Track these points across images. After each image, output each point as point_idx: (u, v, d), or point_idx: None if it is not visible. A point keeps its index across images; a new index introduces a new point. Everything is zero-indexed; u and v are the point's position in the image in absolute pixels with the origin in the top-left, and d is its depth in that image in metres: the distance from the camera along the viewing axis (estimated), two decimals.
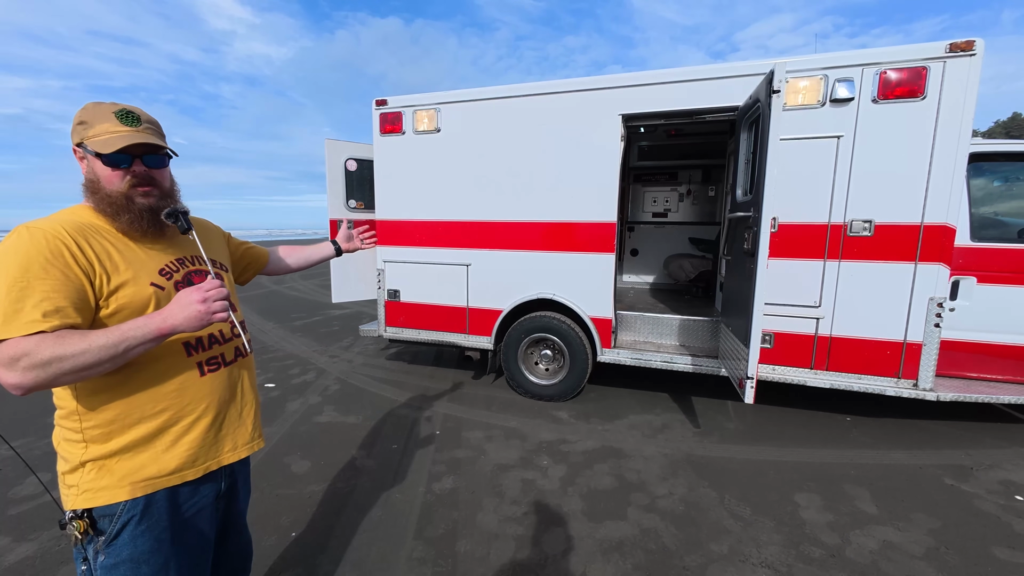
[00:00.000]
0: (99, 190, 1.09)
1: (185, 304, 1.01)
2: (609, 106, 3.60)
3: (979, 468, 2.99)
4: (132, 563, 1.07)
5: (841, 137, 3.10)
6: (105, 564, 1.07)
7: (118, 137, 1.07)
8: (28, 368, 0.89)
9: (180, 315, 1.01)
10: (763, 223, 2.70)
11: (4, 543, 2.29)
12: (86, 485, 1.05)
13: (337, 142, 4.68)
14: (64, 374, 0.92)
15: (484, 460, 3.11)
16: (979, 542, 2.31)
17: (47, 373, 0.90)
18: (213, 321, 1.04)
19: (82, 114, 1.09)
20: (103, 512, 1.06)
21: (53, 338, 0.91)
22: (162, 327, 1.00)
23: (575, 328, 3.99)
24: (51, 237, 0.98)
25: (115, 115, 1.09)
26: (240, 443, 1.27)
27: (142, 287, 1.08)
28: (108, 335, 0.95)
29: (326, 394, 4.33)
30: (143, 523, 1.08)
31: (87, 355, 0.92)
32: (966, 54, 2.81)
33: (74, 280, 0.98)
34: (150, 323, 0.99)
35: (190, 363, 1.15)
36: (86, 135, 1.08)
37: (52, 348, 0.90)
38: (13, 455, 3.11)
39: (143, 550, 1.08)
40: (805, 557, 2.21)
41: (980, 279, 3.34)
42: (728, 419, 3.74)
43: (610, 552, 2.25)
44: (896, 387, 3.20)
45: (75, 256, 0.99)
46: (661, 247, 6.09)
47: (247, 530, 1.45)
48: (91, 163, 1.08)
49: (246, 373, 1.32)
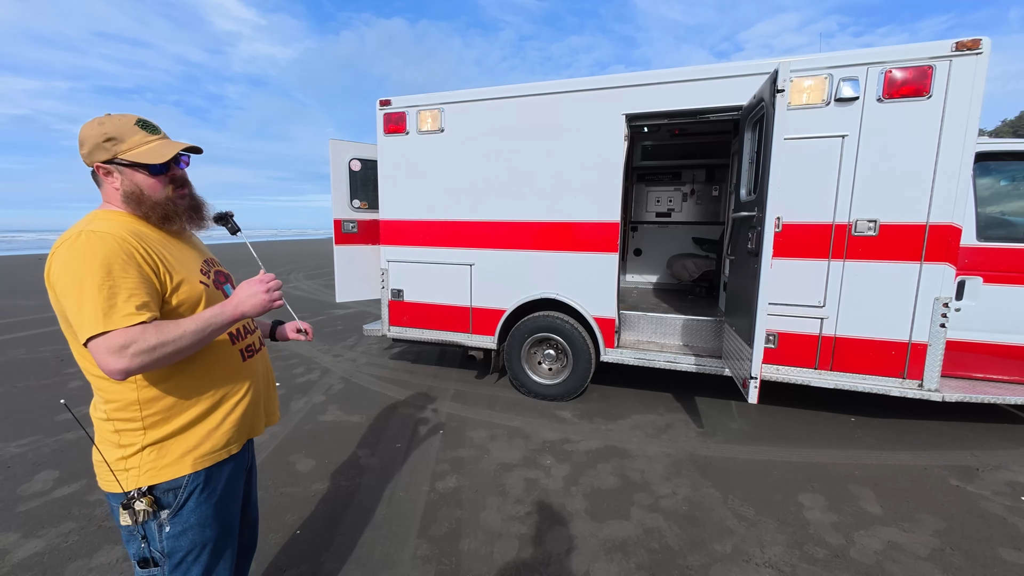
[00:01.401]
0: (145, 200, 1.16)
1: (252, 293, 1.17)
2: (613, 106, 3.60)
3: (985, 469, 2.97)
4: (199, 527, 1.20)
5: (846, 136, 3.09)
6: (171, 533, 1.16)
7: (161, 145, 1.16)
8: (136, 354, 0.99)
9: (249, 302, 1.16)
10: (767, 223, 2.69)
11: (13, 539, 2.31)
12: (148, 465, 1.14)
13: (341, 142, 4.70)
14: (165, 357, 1.04)
15: (487, 459, 3.12)
16: (985, 543, 2.30)
17: (152, 357, 1.01)
18: (274, 307, 1.20)
19: (106, 130, 1.11)
20: (168, 487, 1.15)
21: (154, 327, 1.03)
22: (235, 313, 1.15)
23: (578, 328, 3.99)
24: (121, 241, 1.06)
25: (139, 127, 1.15)
26: (266, 417, 1.43)
27: (194, 284, 1.19)
28: (196, 321, 1.09)
29: (330, 393, 4.35)
30: (205, 491, 1.20)
31: (183, 339, 1.05)
32: (972, 53, 2.79)
33: (147, 279, 1.08)
34: (225, 309, 1.14)
35: (235, 350, 1.29)
36: (119, 150, 1.12)
37: (156, 335, 1.02)
38: (22, 452, 3.15)
39: (208, 515, 1.21)
40: (809, 557, 2.20)
41: (986, 279, 3.32)
42: (732, 419, 3.73)
43: (613, 552, 2.25)
44: (901, 387, 3.19)
45: (144, 258, 1.09)
46: (665, 247, 6.08)
47: (257, 506, 1.57)
48: (130, 175, 1.15)
49: (266, 361, 1.48)
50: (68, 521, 2.45)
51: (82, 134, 1.13)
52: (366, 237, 4.89)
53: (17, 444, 3.27)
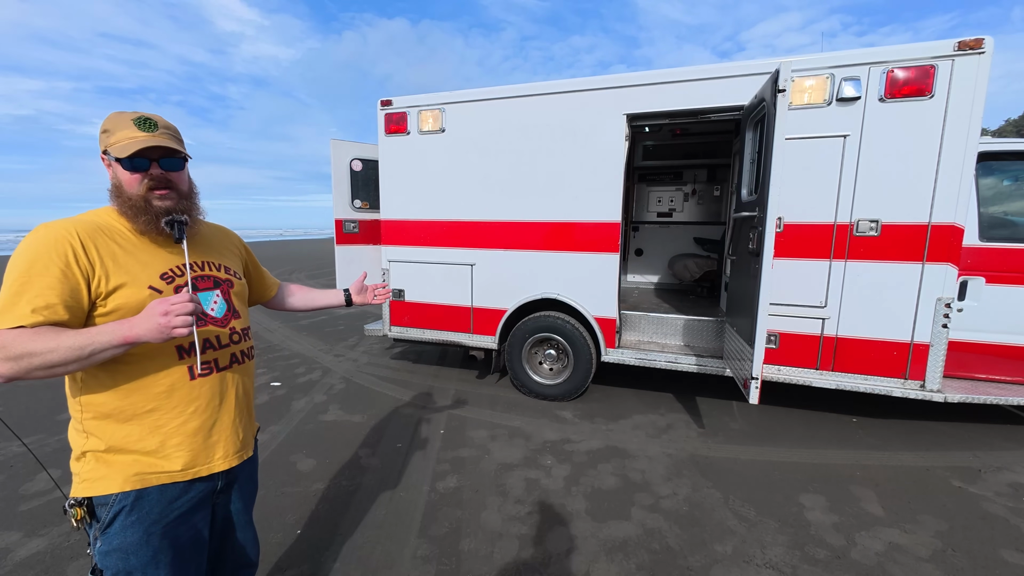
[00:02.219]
0: (122, 194, 1.15)
1: (149, 315, 1.01)
2: (614, 106, 3.59)
3: (987, 470, 2.96)
4: (121, 552, 1.11)
5: (847, 136, 3.08)
6: (100, 550, 1.12)
7: (134, 142, 1.13)
8: (4, 360, 0.94)
9: (143, 325, 1.01)
10: (768, 223, 2.69)
11: (15, 538, 2.32)
12: (86, 474, 1.12)
13: (342, 142, 4.71)
14: (34, 369, 0.96)
15: (488, 459, 3.12)
16: (987, 545, 2.29)
17: (19, 366, 0.95)
18: (173, 336, 1.02)
19: (106, 123, 1.16)
20: (100, 501, 1.11)
21: (29, 334, 0.96)
22: (127, 335, 1.01)
23: (579, 328, 3.99)
24: (60, 237, 1.04)
25: (133, 122, 1.14)
26: (231, 451, 1.27)
27: (139, 290, 1.11)
28: (77, 337, 0.98)
29: (331, 393, 4.36)
30: (133, 515, 1.12)
31: (54, 354, 0.96)
32: (975, 52, 2.78)
33: (70, 279, 1.03)
34: (118, 330, 1.01)
35: (181, 367, 1.17)
36: (109, 142, 1.14)
37: (25, 343, 0.95)
38: (25, 452, 3.16)
39: (132, 541, 1.12)
40: (810, 558, 2.20)
41: (989, 279, 3.31)
42: (733, 419, 3.73)
43: (614, 552, 2.25)
44: (903, 388, 3.18)
45: (77, 256, 1.05)
46: (666, 247, 6.08)
47: (251, 527, 1.44)
48: (114, 168, 1.15)
49: (241, 379, 1.31)
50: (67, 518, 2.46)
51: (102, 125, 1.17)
52: (367, 237, 4.90)
53: (19, 443, 3.28)
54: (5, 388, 4.38)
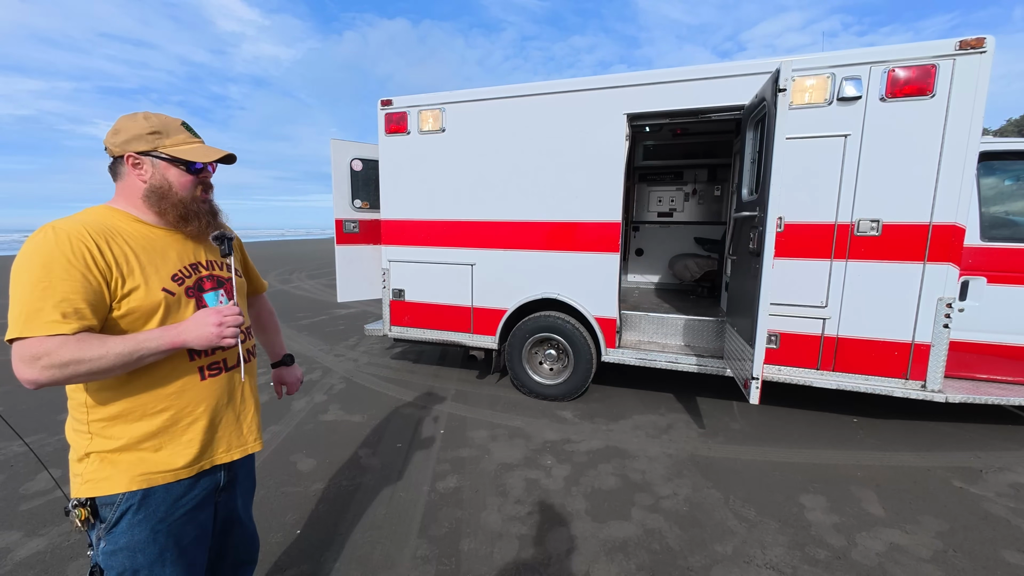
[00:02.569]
0: (168, 195, 1.16)
1: (201, 324, 1.08)
2: (614, 105, 3.59)
3: (989, 470, 2.96)
4: (128, 551, 1.11)
5: (848, 136, 3.08)
6: (105, 550, 1.11)
7: (203, 148, 1.20)
8: (47, 367, 0.94)
9: (193, 333, 1.07)
10: (769, 223, 2.68)
11: (15, 538, 2.32)
12: (89, 475, 1.10)
13: (343, 142, 4.70)
14: (78, 375, 0.97)
15: (488, 459, 3.12)
16: (988, 545, 2.28)
17: (63, 373, 0.95)
18: (222, 345, 1.10)
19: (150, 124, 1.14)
20: (104, 501, 1.11)
21: (74, 341, 0.96)
22: (175, 341, 1.06)
23: (579, 328, 3.99)
24: (75, 239, 1.02)
25: (184, 128, 1.19)
26: (234, 445, 1.29)
27: (153, 292, 1.11)
28: (125, 343, 1.00)
29: (331, 393, 4.36)
30: (140, 513, 1.12)
31: (103, 360, 0.98)
32: (976, 51, 2.77)
33: (93, 282, 1.01)
34: (164, 336, 1.05)
35: (192, 367, 1.18)
36: (163, 144, 1.15)
37: (72, 351, 0.95)
38: (25, 452, 3.16)
39: (139, 539, 1.12)
40: (810, 559, 2.19)
41: (990, 279, 3.30)
42: (733, 419, 3.72)
43: (614, 552, 2.24)
44: (904, 388, 3.17)
45: (95, 258, 1.03)
46: (666, 247, 6.07)
47: (251, 523, 1.47)
48: (163, 170, 1.16)
49: (247, 377, 1.34)
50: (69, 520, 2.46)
51: (120, 124, 1.14)
52: (367, 237, 4.89)
53: (20, 443, 3.29)
54: (7, 388, 4.39)
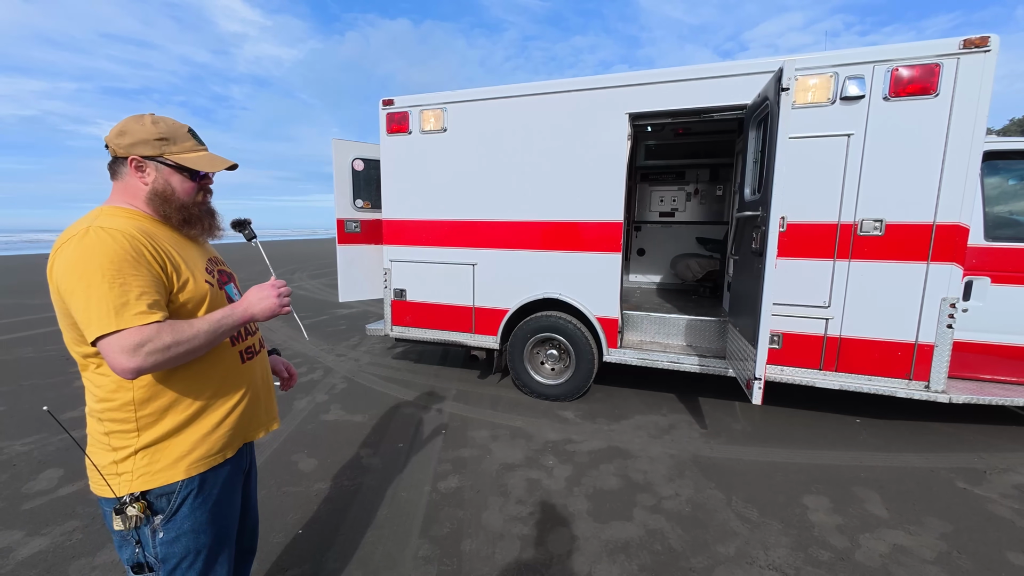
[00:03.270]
0: (172, 200, 1.19)
1: (264, 296, 1.19)
2: (616, 105, 3.58)
3: (993, 472, 2.94)
4: (193, 533, 1.17)
5: (851, 135, 3.07)
6: (165, 540, 1.14)
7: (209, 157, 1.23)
8: (151, 352, 0.99)
9: (259, 305, 1.18)
10: (772, 222, 2.67)
11: (17, 537, 2.33)
12: (141, 470, 1.12)
13: (344, 142, 4.70)
14: (178, 356, 1.04)
15: (490, 459, 3.12)
16: (993, 547, 2.27)
17: (164, 357, 1.01)
18: (282, 312, 1.21)
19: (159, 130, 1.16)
20: (161, 492, 1.13)
21: (168, 326, 1.03)
22: (244, 315, 1.16)
23: (581, 328, 3.98)
24: (131, 237, 1.06)
25: (190, 134, 1.22)
26: (263, 423, 1.39)
27: (200, 283, 1.19)
28: (207, 322, 1.09)
29: (333, 392, 4.36)
30: (200, 496, 1.18)
31: (196, 339, 1.06)
32: (980, 50, 2.76)
33: (157, 277, 1.08)
34: (236, 311, 1.15)
35: (234, 352, 1.27)
36: (169, 150, 1.17)
37: (171, 335, 1.02)
38: (27, 451, 3.17)
39: (202, 520, 1.18)
40: (814, 560, 2.18)
41: (994, 279, 3.29)
42: (735, 420, 3.71)
43: (616, 553, 2.24)
44: (907, 389, 3.16)
45: (152, 255, 1.09)
46: (668, 247, 6.06)
47: (257, 510, 1.54)
48: (166, 175, 1.18)
49: (267, 362, 1.45)
50: (72, 519, 2.47)
51: (127, 126, 1.14)
52: (369, 237, 4.89)
53: (22, 442, 3.30)
54: (9, 388, 4.40)
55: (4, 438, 3.36)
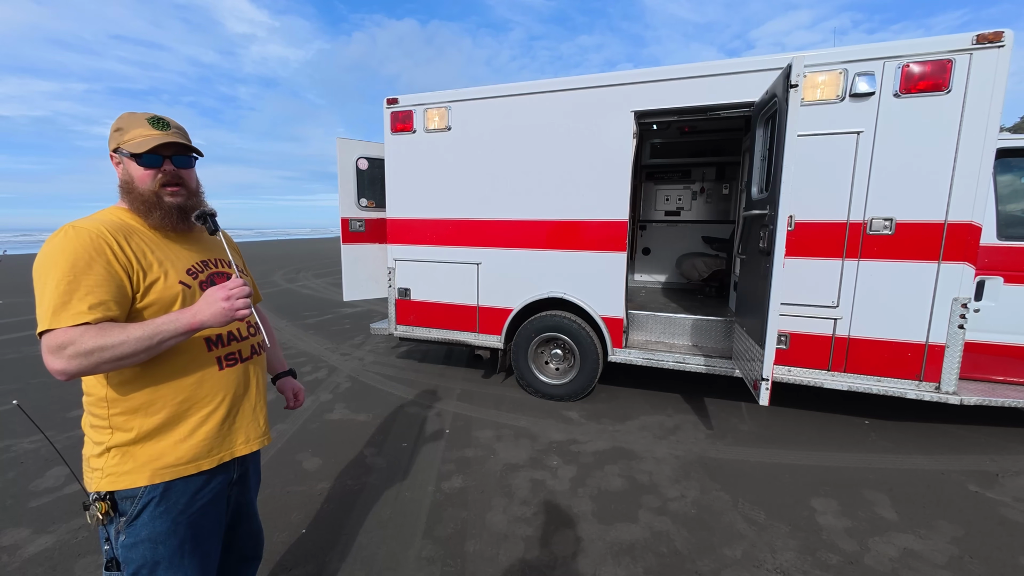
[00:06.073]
0: (133, 190, 1.18)
1: (212, 301, 1.09)
2: (621, 103, 3.55)
3: (1005, 475, 2.89)
4: (150, 543, 1.13)
5: (861, 133, 3.02)
6: (125, 543, 1.13)
7: (150, 139, 1.17)
8: (73, 356, 0.97)
9: (207, 311, 1.09)
10: (779, 221, 2.64)
11: (24, 535, 2.34)
12: (110, 469, 1.12)
13: (349, 141, 4.70)
14: (104, 362, 1.00)
15: (494, 460, 3.10)
16: (1005, 551, 2.23)
17: (89, 361, 0.98)
18: (236, 318, 1.11)
19: (119, 122, 1.19)
20: (125, 495, 1.12)
21: (96, 329, 1.00)
22: (192, 322, 1.08)
23: (586, 327, 3.96)
24: (95, 235, 1.06)
25: (147, 121, 1.19)
26: (252, 437, 1.32)
27: (171, 284, 1.16)
28: (144, 328, 1.04)
29: (337, 392, 4.36)
30: (161, 506, 1.14)
31: (125, 346, 1.01)
32: (994, 46, 2.71)
33: (115, 276, 1.06)
34: (181, 318, 1.08)
35: (210, 358, 1.22)
36: (122, 140, 1.17)
37: (95, 339, 0.98)
38: (35, 448, 3.19)
39: (160, 531, 1.14)
40: (822, 564, 2.15)
41: (1007, 279, 3.23)
42: (742, 421, 3.68)
43: (620, 555, 2.22)
44: (917, 390, 3.11)
45: (115, 253, 1.07)
46: (674, 246, 6.02)
47: (258, 517, 1.51)
48: (126, 165, 1.18)
49: (260, 370, 1.38)
50: (78, 517, 2.48)
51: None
52: (373, 236, 4.89)
53: (30, 440, 3.32)
54: (17, 385, 4.44)
55: (11, 436, 3.39)
